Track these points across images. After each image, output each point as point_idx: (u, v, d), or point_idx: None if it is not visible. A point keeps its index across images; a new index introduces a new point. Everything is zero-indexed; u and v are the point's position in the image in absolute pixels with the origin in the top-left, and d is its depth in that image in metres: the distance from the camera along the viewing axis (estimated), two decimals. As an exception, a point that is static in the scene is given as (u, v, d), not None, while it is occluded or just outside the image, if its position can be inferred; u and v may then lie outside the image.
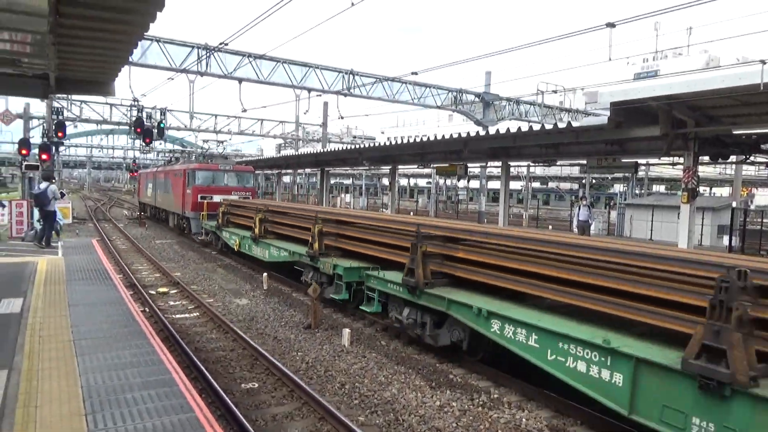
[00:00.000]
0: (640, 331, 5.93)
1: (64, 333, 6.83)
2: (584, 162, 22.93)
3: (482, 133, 14.82)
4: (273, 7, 10.14)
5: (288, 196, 59.92)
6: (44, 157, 20.04)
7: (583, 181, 42.93)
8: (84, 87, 11.86)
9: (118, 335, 6.86)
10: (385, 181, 59.07)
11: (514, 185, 51.70)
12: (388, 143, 18.90)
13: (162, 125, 28.11)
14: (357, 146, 22.70)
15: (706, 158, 13.83)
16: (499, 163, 18.09)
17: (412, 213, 43.56)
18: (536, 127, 13.32)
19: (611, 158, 14.41)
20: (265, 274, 14.28)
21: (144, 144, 30.66)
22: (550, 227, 34.21)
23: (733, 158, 13.91)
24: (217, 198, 22.08)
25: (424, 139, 16.69)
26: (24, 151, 19.94)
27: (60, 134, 21.05)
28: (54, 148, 22.42)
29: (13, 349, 6.17)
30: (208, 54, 22.56)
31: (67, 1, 6.38)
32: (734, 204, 23.42)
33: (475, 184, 54.23)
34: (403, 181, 68.52)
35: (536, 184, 56.48)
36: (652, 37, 77.86)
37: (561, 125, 12.40)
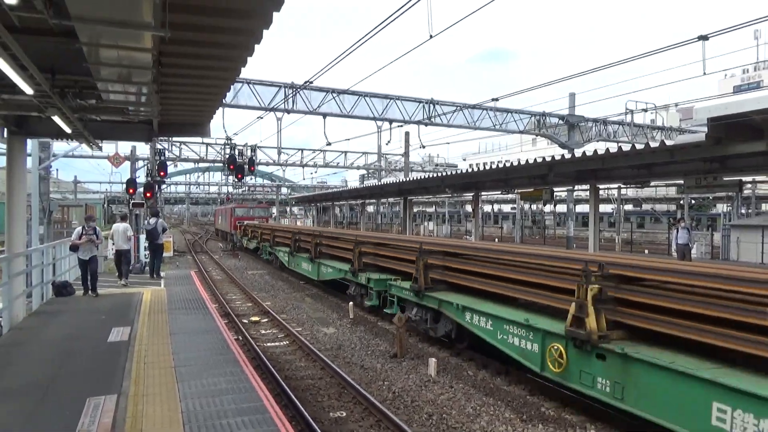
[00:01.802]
0: (550, 312, 7.97)
1: (166, 360, 7.26)
2: (681, 182, 21.67)
3: (568, 156, 14.42)
4: (354, 44, 10.52)
5: (372, 226, 60.74)
6: (148, 195, 21.61)
7: (681, 201, 40.46)
8: (183, 129, 12.79)
9: (214, 362, 7.19)
10: (469, 208, 58.57)
11: (605, 208, 49.57)
12: (470, 170, 18.83)
13: (252, 161, 29.57)
14: (439, 174, 22.79)
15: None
16: (587, 187, 17.47)
17: (496, 239, 42.77)
18: (626, 147, 12.80)
19: (711, 177, 13.53)
20: (350, 304, 14.49)
21: (236, 179, 32.40)
22: (646, 252, 32.40)
23: None
24: (247, 222, 36.64)
25: (507, 164, 16.48)
26: (131, 191, 21.62)
27: (162, 173, 22.65)
28: (157, 186, 24.16)
29: (122, 375, 6.63)
30: (294, 92, 23.65)
31: (168, 54, 6.97)
32: None
33: (562, 208, 52.66)
34: (487, 207, 67.63)
35: (629, 207, 53.88)
36: (751, 48, 73.02)
37: (653, 144, 11.85)
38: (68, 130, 10.40)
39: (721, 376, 5.00)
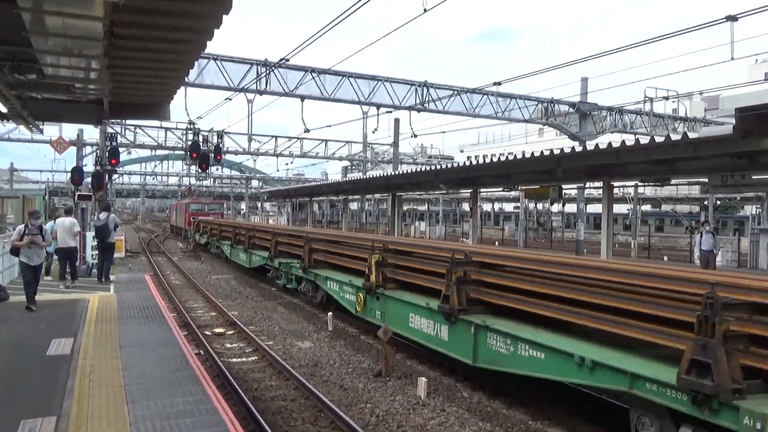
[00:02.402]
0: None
1: (115, 377, 7.19)
2: (705, 180, 21.93)
3: (579, 148, 14.50)
4: (339, 17, 10.50)
5: (356, 226, 60.76)
6: (97, 186, 21.41)
7: (705, 202, 40.95)
8: (138, 111, 12.69)
9: (171, 380, 7.13)
10: (466, 207, 58.82)
11: (620, 209, 50.04)
12: (468, 163, 18.88)
13: (219, 149, 29.39)
14: (432, 167, 22.86)
15: None
16: (600, 184, 17.60)
17: (497, 243, 43.00)
18: (644, 140, 12.91)
19: (739, 175, 13.68)
20: (329, 314, 14.49)
21: (200, 170, 32.19)
22: (666, 258, 32.77)
23: None
24: (201, 218, 40.84)
25: (510, 157, 16.55)
26: (77, 180, 21.40)
27: (113, 161, 22.48)
28: (107, 176, 23.96)
29: (62, 393, 6.56)
30: (267, 71, 23.56)
31: (122, 23, 6.89)
32: None
33: (571, 208, 52.98)
34: (487, 206, 67.96)
35: (647, 207, 54.43)
36: (786, 29, 73.92)
37: (675, 137, 11.95)
38: (3, 110, 10.26)
39: (414, 300, 10.61)
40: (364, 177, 29.99)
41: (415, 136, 31.07)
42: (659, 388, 5.90)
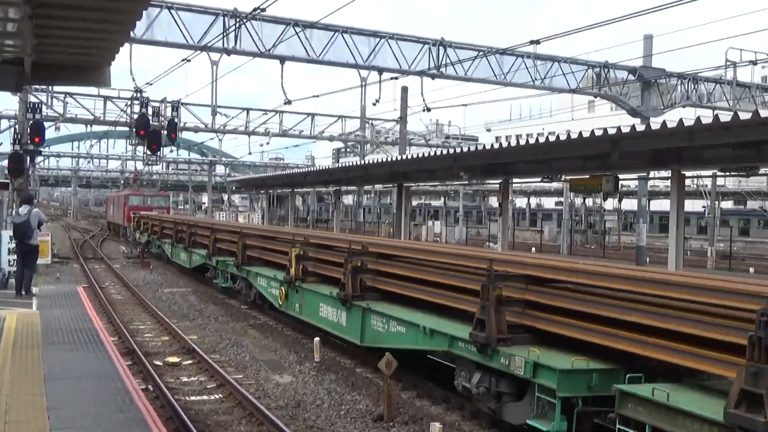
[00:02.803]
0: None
1: (39, 419, 7.18)
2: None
3: (641, 127, 14.48)
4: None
5: (351, 225, 60.75)
6: (16, 171, 21.41)
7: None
8: (70, 74, 12.67)
9: (111, 424, 7.12)
10: (494, 202, 58.75)
11: (693, 205, 50.02)
12: (496, 146, 18.88)
13: (174, 125, 29.33)
14: (450, 151, 22.79)
15: None
16: (668, 174, 17.58)
17: (534, 249, 42.99)
18: (725, 116, 12.88)
19: None
20: (316, 340, 14.47)
21: (149, 152, 32.08)
22: (752, 270, 32.76)
23: None
24: (143, 213, 42.50)
25: (551, 138, 16.53)
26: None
27: (37, 139, 22.44)
28: (29, 158, 23.95)
29: (-30, 440, 6.55)
30: (237, 24, 23.52)
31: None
32: None
33: (630, 204, 52.93)
34: (521, 202, 67.98)
35: (728, 204, 54.41)
36: None
37: (765, 113, 11.93)
38: None
39: (322, 290, 14.20)
40: (362, 163, 29.85)
41: (429, 110, 30.91)
42: (465, 344, 9.38)
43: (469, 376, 9.50)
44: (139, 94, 28.87)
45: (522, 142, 17.57)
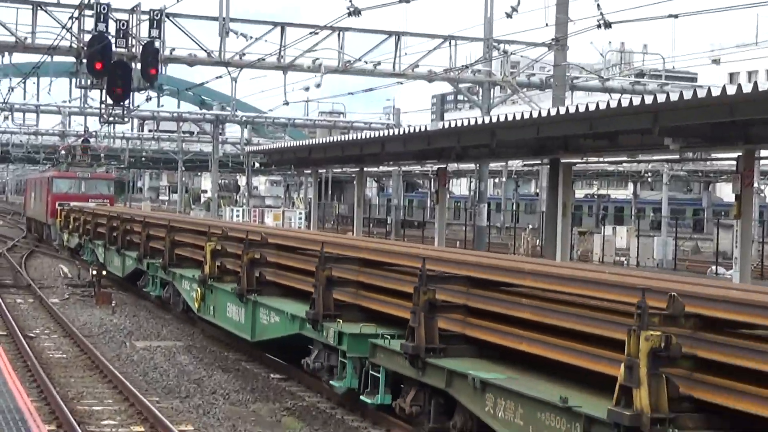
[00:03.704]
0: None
1: None
2: None
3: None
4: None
5: (469, 231, 38.84)
6: None
7: None
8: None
9: None
10: (727, 191, 31.92)
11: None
12: (731, 90, 11.21)
13: (155, 52, 19.16)
14: (646, 100, 12.96)
15: None
16: None
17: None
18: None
19: None
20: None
21: (109, 104, 20.43)
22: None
23: None
24: (74, 204, 33.22)
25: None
26: None
27: None
28: None
29: None
30: None
31: None
32: None
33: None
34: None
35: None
36: None
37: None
38: None
39: (226, 287, 14.30)
40: (486, 121, 18.17)
41: (609, 25, 20.39)
42: (308, 324, 10.82)
43: (313, 355, 11.29)
44: (93, 0, 19.53)
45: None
